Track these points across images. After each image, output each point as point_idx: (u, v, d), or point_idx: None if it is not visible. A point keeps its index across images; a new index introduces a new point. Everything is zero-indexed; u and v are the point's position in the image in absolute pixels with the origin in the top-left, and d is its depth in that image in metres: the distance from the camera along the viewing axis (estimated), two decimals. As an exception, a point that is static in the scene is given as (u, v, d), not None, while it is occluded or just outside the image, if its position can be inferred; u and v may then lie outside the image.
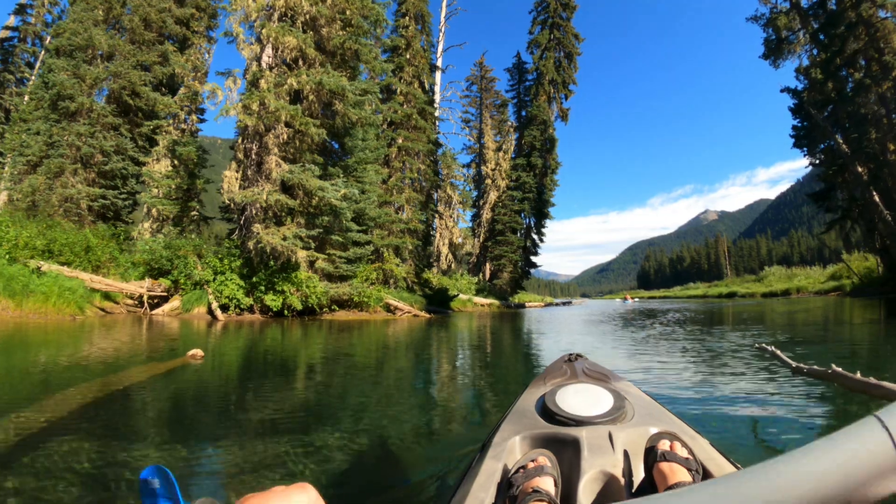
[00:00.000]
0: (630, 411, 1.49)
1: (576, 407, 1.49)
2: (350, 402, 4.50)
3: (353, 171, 20.23)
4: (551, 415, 1.49)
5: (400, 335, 12.13)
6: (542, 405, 1.58)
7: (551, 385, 1.78)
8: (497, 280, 38.00)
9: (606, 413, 1.44)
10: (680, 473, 1.11)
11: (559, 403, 1.53)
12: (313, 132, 17.18)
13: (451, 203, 33.03)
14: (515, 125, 45.57)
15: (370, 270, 20.19)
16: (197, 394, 4.98)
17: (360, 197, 19.65)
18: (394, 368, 6.72)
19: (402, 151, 24.49)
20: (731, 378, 4.91)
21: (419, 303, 20.56)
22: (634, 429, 1.36)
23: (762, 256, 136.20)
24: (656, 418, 1.47)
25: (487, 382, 5.65)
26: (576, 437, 1.32)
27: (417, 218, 23.35)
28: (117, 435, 3.25)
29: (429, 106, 27.01)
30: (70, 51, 22.32)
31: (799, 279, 41.06)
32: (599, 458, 1.22)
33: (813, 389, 4.13)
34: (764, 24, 30.13)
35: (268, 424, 3.58)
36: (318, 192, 16.29)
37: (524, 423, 1.52)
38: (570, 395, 1.58)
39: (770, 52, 30.13)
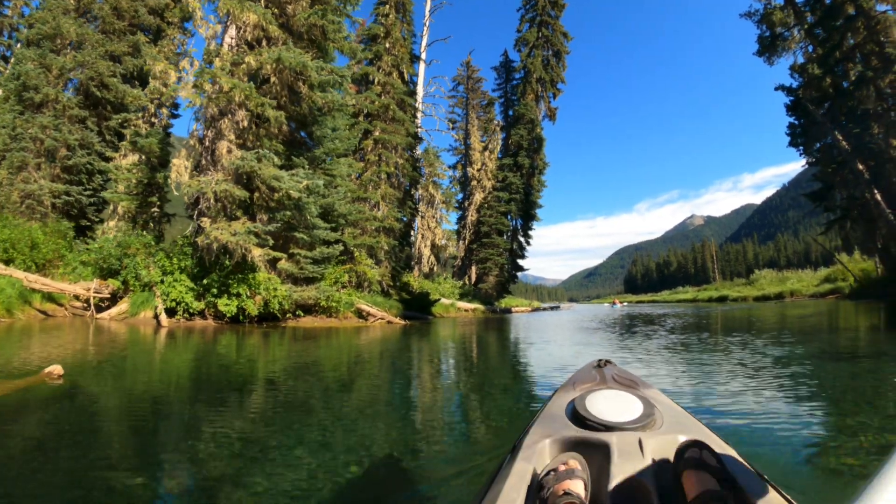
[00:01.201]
0: (659, 419, 1.47)
1: (606, 412, 1.47)
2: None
3: (321, 163, 18.28)
4: (582, 419, 1.47)
5: (365, 347, 10.40)
6: (573, 410, 1.56)
7: (581, 390, 1.76)
8: (482, 284, 36.15)
9: (636, 420, 1.41)
10: (708, 481, 1.10)
11: (589, 408, 1.51)
12: (271, 115, 15.26)
13: (434, 202, 31.08)
14: (502, 125, 44.32)
15: (340, 272, 18.22)
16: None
17: (329, 191, 17.68)
18: (336, 397, 4.85)
19: (378, 144, 22.51)
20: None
21: (395, 308, 18.60)
22: (664, 436, 1.34)
23: (749, 261, 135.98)
24: (685, 427, 1.44)
25: (465, 421, 4.08)
26: (606, 442, 1.32)
27: (394, 216, 21.30)
28: None
29: (409, 97, 25.07)
30: (38, 40, 21.16)
31: (791, 282, 40.27)
32: (629, 463, 1.21)
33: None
34: (758, 21, 29.25)
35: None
36: (273, 182, 14.29)
37: (554, 426, 1.50)
38: (600, 401, 1.56)
39: (764, 49, 29.29)
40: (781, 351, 7.33)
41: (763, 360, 6.27)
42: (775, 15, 28.19)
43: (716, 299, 48.42)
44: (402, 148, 23.23)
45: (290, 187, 14.58)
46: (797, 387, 4.59)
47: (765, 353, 7.05)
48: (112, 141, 22.72)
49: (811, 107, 25.28)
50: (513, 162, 38.77)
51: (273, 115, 15.48)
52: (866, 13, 22.08)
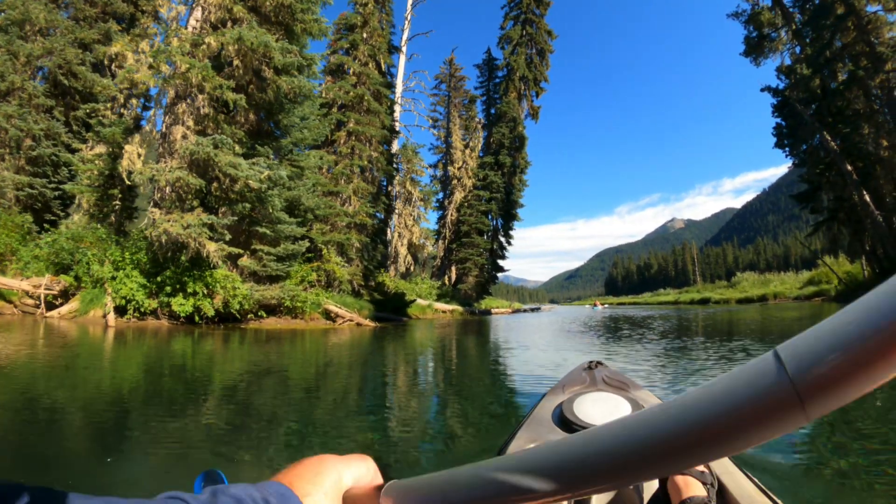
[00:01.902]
0: None
1: (593, 416, 1.48)
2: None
3: (287, 154, 17.14)
4: (568, 423, 1.47)
5: (330, 351, 9.53)
6: (560, 413, 1.56)
7: (570, 393, 1.77)
8: (462, 285, 35.14)
9: None
10: (694, 487, 1.09)
11: (576, 412, 1.51)
12: (229, 97, 14.14)
13: (412, 200, 29.92)
14: (483, 123, 43.62)
15: (307, 271, 17.07)
16: None
17: (295, 183, 16.55)
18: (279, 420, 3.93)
19: (351, 136, 21.35)
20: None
21: (366, 309, 17.50)
22: None
23: (729, 264, 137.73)
24: None
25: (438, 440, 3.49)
26: None
27: (366, 211, 20.11)
28: None
29: (385, 88, 23.93)
30: (6, 26, 20.14)
31: (774, 285, 40.06)
32: None
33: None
34: (745, 21, 28.87)
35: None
36: (230, 170, 13.14)
37: (540, 431, 1.50)
38: (588, 404, 1.55)
39: (751, 50, 28.99)
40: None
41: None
42: (763, 15, 27.86)
43: (698, 302, 48.04)
44: (377, 141, 22.10)
45: (250, 176, 13.44)
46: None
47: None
48: (79, 132, 21.69)
49: (799, 107, 24.88)
50: (494, 160, 37.88)
51: (232, 97, 14.36)
52: (857, 12, 21.70)
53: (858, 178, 22.51)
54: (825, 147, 24.29)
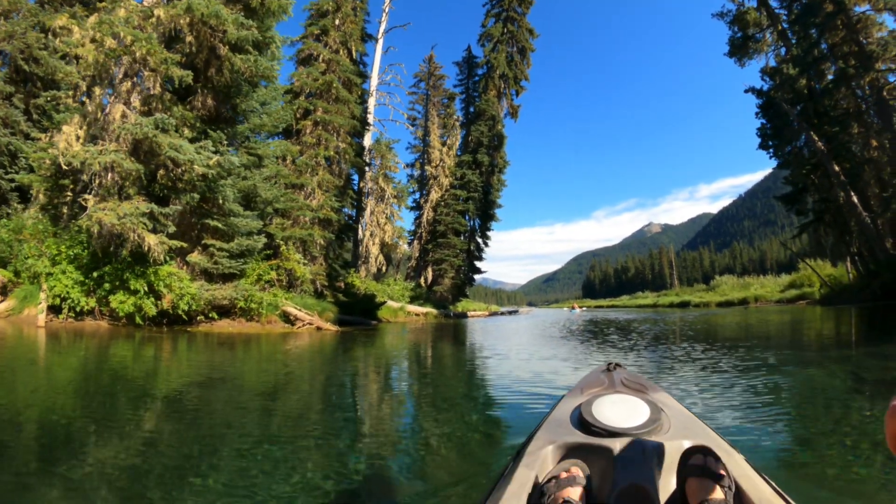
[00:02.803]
0: (666, 424, 1.46)
1: (611, 418, 1.45)
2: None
3: (244, 141, 15.73)
4: (587, 425, 1.45)
5: (275, 361, 8.40)
6: (578, 415, 1.54)
7: (588, 395, 1.74)
8: (437, 287, 33.91)
9: (642, 425, 1.41)
10: (712, 489, 1.08)
11: (595, 414, 1.49)
12: (175, 73, 12.81)
13: (385, 197, 28.48)
14: (462, 121, 42.75)
15: (265, 269, 15.65)
16: None
17: (252, 172, 15.14)
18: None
19: (318, 126, 19.91)
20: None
21: (330, 311, 16.12)
22: (669, 442, 1.33)
23: (705, 267, 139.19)
24: (692, 432, 1.44)
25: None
26: (610, 448, 1.31)
27: (330, 205, 18.60)
28: None
29: (356, 77, 22.55)
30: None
31: (754, 288, 39.80)
32: (632, 470, 1.21)
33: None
34: (730, 21, 28.43)
35: None
36: (170, 153, 11.74)
37: (559, 432, 1.48)
38: (607, 406, 1.53)
39: (735, 51, 28.53)
40: (801, 361, 6.81)
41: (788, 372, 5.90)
42: (750, 14, 27.43)
43: (677, 305, 47.48)
44: (346, 131, 20.66)
45: (195, 161, 12.03)
46: (822, 397, 4.38)
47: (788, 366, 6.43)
48: (40, 121, 20.29)
49: (786, 106, 24.41)
50: (472, 159, 36.93)
51: (178, 73, 12.99)
52: (846, 10, 21.26)
53: (846, 179, 22.07)
54: (812, 148, 23.89)
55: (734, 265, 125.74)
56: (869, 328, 11.79)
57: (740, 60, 28.55)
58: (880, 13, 20.71)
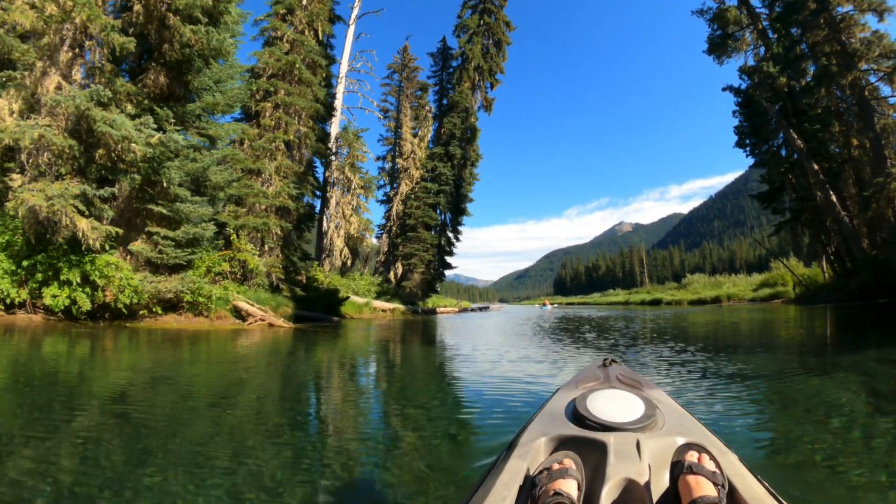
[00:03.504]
0: (660, 420, 1.46)
1: (606, 412, 1.45)
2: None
3: (195, 121, 14.56)
4: (581, 419, 1.45)
5: (219, 360, 7.61)
6: (573, 409, 1.54)
7: (583, 389, 1.74)
8: (406, 282, 32.94)
9: (636, 420, 1.40)
10: (705, 487, 1.09)
11: (589, 407, 1.49)
12: (116, 41, 11.78)
13: (351, 187, 27.33)
14: (435, 113, 41.76)
15: (217, 260, 14.53)
16: None
17: (201, 155, 13.98)
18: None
19: (278, 108, 18.73)
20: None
21: (287, 306, 15.09)
22: (663, 438, 1.33)
23: (675, 266, 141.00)
24: (687, 429, 1.43)
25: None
26: (603, 441, 1.30)
27: (288, 192, 17.39)
28: None
29: (322, 59, 21.36)
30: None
31: (727, 287, 40.00)
32: (625, 464, 1.20)
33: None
34: (710, 19, 28.26)
35: None
36: (103, 128, 10.58)
37: (553, 424, 1.49)
38: (601, 400, 1.53)
39: (714, 49, 28.42)
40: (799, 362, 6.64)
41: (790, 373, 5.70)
42: (731, 11, 27.34)
43: (649, 302, 47.47)
44: (308, 115, 19.49)
45: (130, 137, 10.89)
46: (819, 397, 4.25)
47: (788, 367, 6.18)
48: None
49: (766, 104, 24.26)
50: (444, 151, 36.01)
51: (119, 41, 11.93)
52: (829, 10, 21.09)
53: (825, 178, 21.97)
54: (790, 146, 23.80)
55: (704, 264, 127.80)
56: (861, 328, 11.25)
57: (719, 58, 28.48)
58: (864, 13, 20.61)
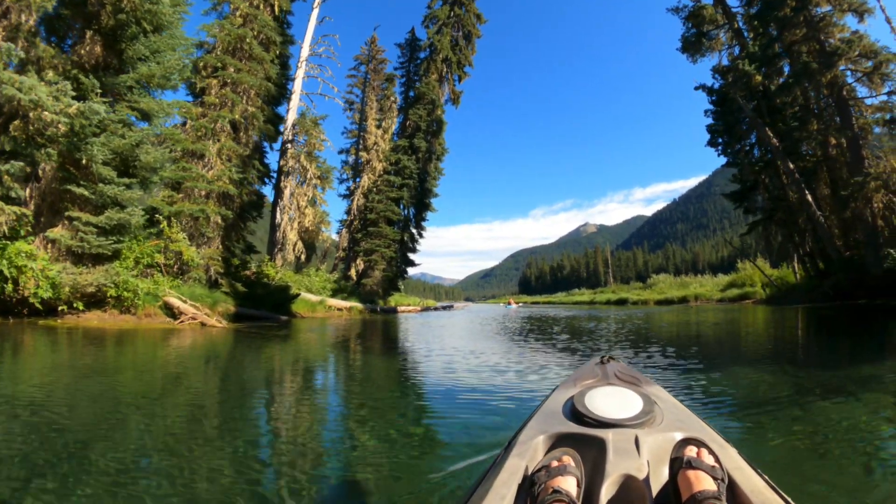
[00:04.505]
0: (659, 416, 1.45)
1: (604, 409, 1.44)
2: None
3: (126, 93, 13.11)
4: (579, 416, 1.44)
5: (131, 370, 6.26)
6: (571, 406, 1.53)
7: (581, 387, 1.74)
8: (367, 279, 31.59)
9: (635, 416, 1.39)
10: (705, 481, 1.08)
11: (587, 405, 1.48)
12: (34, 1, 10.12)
13: (307, 177, 25.82)
14: (401, 105, 40.83)
15: (149, 250, 13.09)
16: None
17: (133, 131, 12.54)
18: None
19: (225, 85, 17.25)
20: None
21: (225, 303, 13.76)
22: (662, 434, 1.32)
23: (639, 267, 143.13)
24: (685, 424, 1.43)
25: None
26: (602, 438, 1.29)
27: (230, 176, 15.90)
28: None
29: (277, 35, 19.87)
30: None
31: (694, 287, 40.10)
32: (624, 461, 1.19)
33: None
34: (685, 17, 27.96)
35: None
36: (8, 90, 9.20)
37: (551, 422, 1.47)
38: (599, 397, 1.52)
39: (688, 47, 28.16)
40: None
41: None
42: (707, 9, 27.05)
43: (615, 302, 47.30)
44: (257, 94, 18.03)
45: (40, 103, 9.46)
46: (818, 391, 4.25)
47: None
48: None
49: (741, 101, 23.99)
50: (408, 144, 34.84)
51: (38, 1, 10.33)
52: (808, 8, 20.89)
53: (801, 177, 21.77)
54: (765, 144, 23.60)
55: (667, 265, 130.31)
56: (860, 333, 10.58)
57: (692, 56, 28.23)
58: (844, 14, 20.44)
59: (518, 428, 1.53)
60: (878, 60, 18.74)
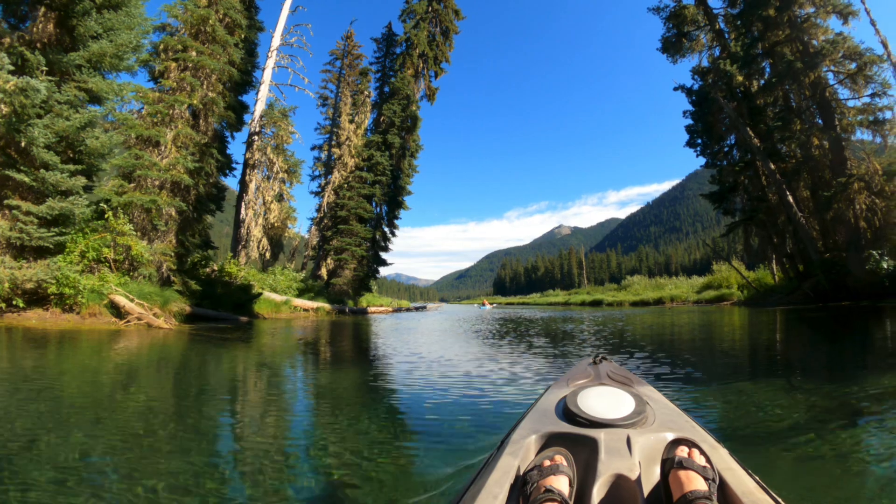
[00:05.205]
0: (651, 416, 1.48)
1: (596, 409, 1.48)
2: None
3: (76, 73, 12.16)
4: (571, 416, 1.48)
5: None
6: (563, 406, 1.57)
7: (574, 387, 1.78)
8: (337, 279, 30.66)
9: (627, 416, 1.43)
10: (696, 481, 1.10)
11: (580, 405, 1.52)
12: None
13: (273, 171, 24.84)
14: (375, 101, 40.15)
15: (95, 243, 12.17)
16: None
17: (80, 113, 11.61)
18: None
19: (185, 68, 16.26)
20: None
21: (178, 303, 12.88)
22: (653, 434, 1.35)
23: (612, 269, 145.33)
24: (677, 425, 1.46)
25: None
26: (594, 438, 1.32)
27: (185, 165, 14.91)
28: None
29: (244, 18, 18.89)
30: None
31: (669, 288, 39.92)
32: (616, 460, 1.20)
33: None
34: (666, 17, 27.88)
35: None
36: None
37: (544, 422, 1.50)
38: (592, 398, 1.56)
39: (668, 48, 28.09)
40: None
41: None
42: (689, 10, 27.00)
43: (590, 303, 47.05)
44: (219, 79, 17.09)
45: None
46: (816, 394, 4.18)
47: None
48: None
49: (723, 100, 23.97)
50: (382, 140, 34.22)
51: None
52: (792, 9, 20.86)
53: (783, 178, 21.76)
54: (746, 145, 23.58)
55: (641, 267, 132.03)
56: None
57: (673, 57, 28.14)
58: (829, 16, 20.41)
59: (511, 427, 1.55)
60: (862, 62, 18.74)
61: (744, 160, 24.68)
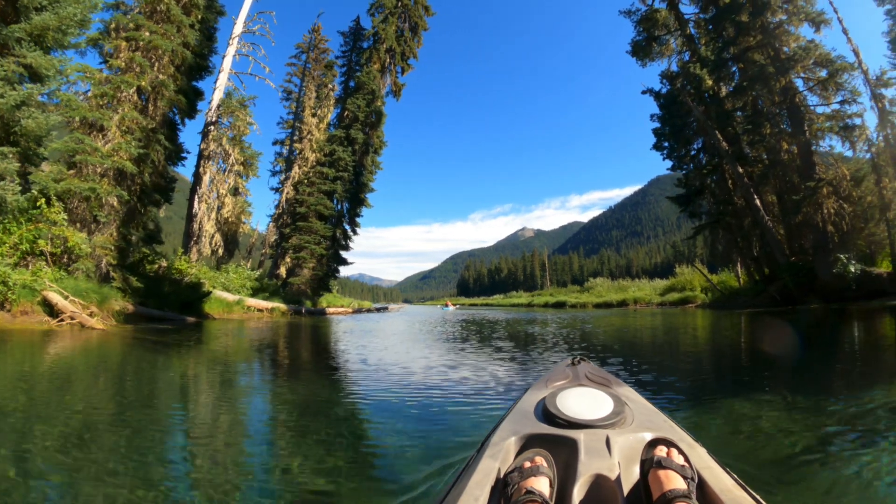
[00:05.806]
0: (630, 416, 1.49)
1: (575, 410, 1.49)
2: None
3: (15, 47, 11.21)
4: (551, 417, 1.48)
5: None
6: (543, 407, 1.57)
7: (552, 388, 1.78)
8: (295, 278, 29.75)
9: (606, 417, 1.44)
10: (675, 480, 1.10)
11: (559, 406, 1.52)
12: None
13: (229, 163, 23.81)
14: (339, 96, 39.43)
15: (27, 235, 11.25)
16: None
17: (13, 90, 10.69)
18: None
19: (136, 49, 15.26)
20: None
21: (117, 301, 12.04)
22: (632, 434, 1.36)
23: (575, 271, 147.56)
24: (655, 425, 1.47)
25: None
26: (574, 439, 1.33)
27: (128, 151, 13.91)
28: None
29: (202, 0, 18.02)
30: None
31: (632, 291, 40.43)
32: (596, 461, 1.21)
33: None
34: (637, 21, 28.08)
35: None
36: None
37: (524, 423, 1.51)
38: (571, 399, 1.57)
39: (638, 51, 28.32)
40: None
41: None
42: (661, 13, 27.21)
43: (553, 305, 47.24)
44: (171, 61, 16.14)
45: None
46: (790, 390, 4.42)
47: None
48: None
49: (692, 103, 24.20)
50: (345, 135, 33.45)
51: None
52: (765, 14, 20.93)
53: (751, 182, 22.04)
54: (714, 149, 23.81)
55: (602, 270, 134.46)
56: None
57: (642, 60, 28.34)
58: (801, 23, 20.62)
59: (490, 429, 1.56)
60: (833, 69, 19.00)
61: (711, 164, 24.90)
